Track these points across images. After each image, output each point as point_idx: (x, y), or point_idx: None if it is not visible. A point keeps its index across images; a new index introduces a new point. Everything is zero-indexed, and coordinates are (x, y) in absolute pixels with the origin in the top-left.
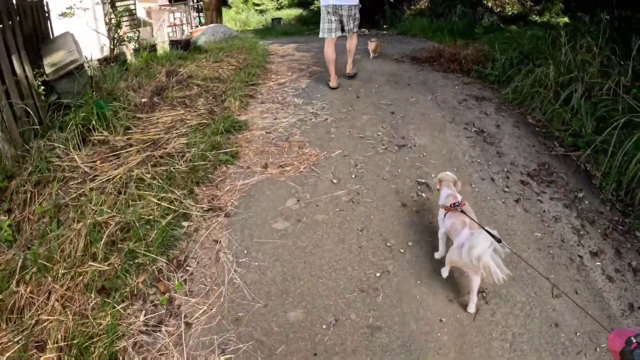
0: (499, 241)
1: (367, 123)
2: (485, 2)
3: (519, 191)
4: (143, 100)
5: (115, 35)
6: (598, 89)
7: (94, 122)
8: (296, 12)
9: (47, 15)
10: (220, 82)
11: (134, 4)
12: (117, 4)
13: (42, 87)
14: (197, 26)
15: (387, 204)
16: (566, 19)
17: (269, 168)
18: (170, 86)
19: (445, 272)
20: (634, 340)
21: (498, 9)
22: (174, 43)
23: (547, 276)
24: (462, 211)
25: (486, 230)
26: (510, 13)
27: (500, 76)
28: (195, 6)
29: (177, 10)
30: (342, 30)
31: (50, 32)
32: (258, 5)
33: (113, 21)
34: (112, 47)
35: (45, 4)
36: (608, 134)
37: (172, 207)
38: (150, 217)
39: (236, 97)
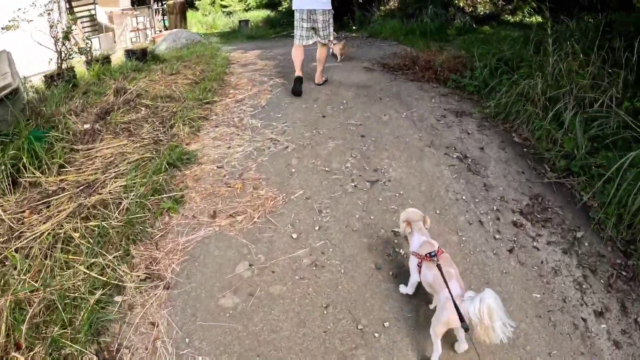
0: (465, 330)
1: (334, 151)
2: (456, 1)
3: (511, 237)
4: (85, 126)
5: (63, 49)
6: (588, 102)
7: (24, 160)
8: (264, 13)
9: None
10: (171, 101)
11: (94, 8)
12: (76, 9)
13: None
14: (160, 30)
15: (357, 266)
16: (539, 19)
17: (218, 218)
18: (116, 108)
19: (437, 352)
20: None
21: (470, 9)
22: (129, 53)
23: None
24: (438, 265)
25: (456, 309)
26: (482, 13)
27: (480, 87)
28: (160, 9)
29: (140, 15)
30: (316, 34)
31: None
32: (225, 7)
33: (60, 34)
34: (59, 61)
35: None
36: (603, 157)
37: (102, 277)
38: (77, 294)
39: (186, 122)
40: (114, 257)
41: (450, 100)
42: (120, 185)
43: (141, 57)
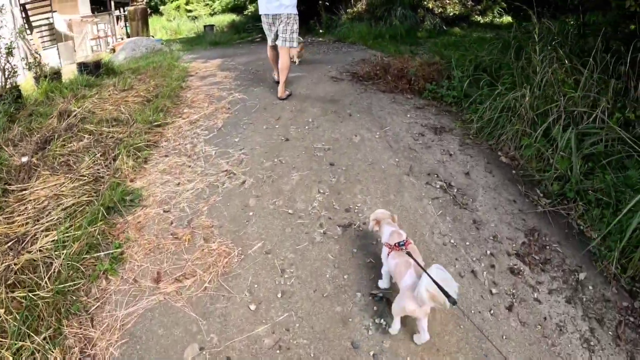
0: (453, 303)
1: (299, 186)
2: (425, 3)
3: (509, 289)
4: (23, 159)
5: (7, 66)
6: (578, 115)
7: None
8: (229, 17)
9: None
10: (118, 125)
11: (52, 17)
12: (33, 17)
13: None
14: (122, 38)
15: (330, 346)
16: (509, 19)
17: (163, 282)
18: (56, 136)
19: (396, 326)
20: None
21: (439, 10)
22: (82, 66)
23: None
24: (408, 252)
25: (436, 283)
26: (451, 14)
27: (459, 97)
28: (122, 15)
29: (100, 22)
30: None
31: None
32: (190, 11)
33: (3, 49)
34: (3, 80)
35: None
36: (601, 180)
37: None
38: None
39: (130, 153)
40: (44, 339)
41: (427, 113)
42: (52, 240)
43: (94, 70)
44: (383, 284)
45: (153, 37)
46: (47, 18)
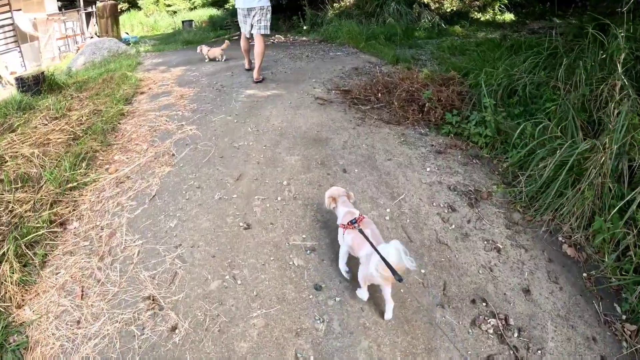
0: (399, 281)
1: (263, 342)
2: None
3: None
4: None
5: None
6: None
7: None
8: (209, 12)
9: None
10: (24, 187)
11: (12, 16)
12: None
13: None
14: (92, 37)
15: None
16: (511, 16)
17: None
18: None
19: (364, 294)
20: None
21: (436, 6)
22: (20, 82)
23: None
24: (360, 230)
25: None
26: (449, 10)
27: (493, 137)
28: (94, 12)
29: (68, 19)
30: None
31: None
32: (170, 5)
33: None
34: None
35: None
36: None
37: None
38: None
39: (22, 251)
40: None
41: (452, 162)
42: None
43: (33, 87)
44: (342, 267)
45: (127, 33)
46: (9, 17)
